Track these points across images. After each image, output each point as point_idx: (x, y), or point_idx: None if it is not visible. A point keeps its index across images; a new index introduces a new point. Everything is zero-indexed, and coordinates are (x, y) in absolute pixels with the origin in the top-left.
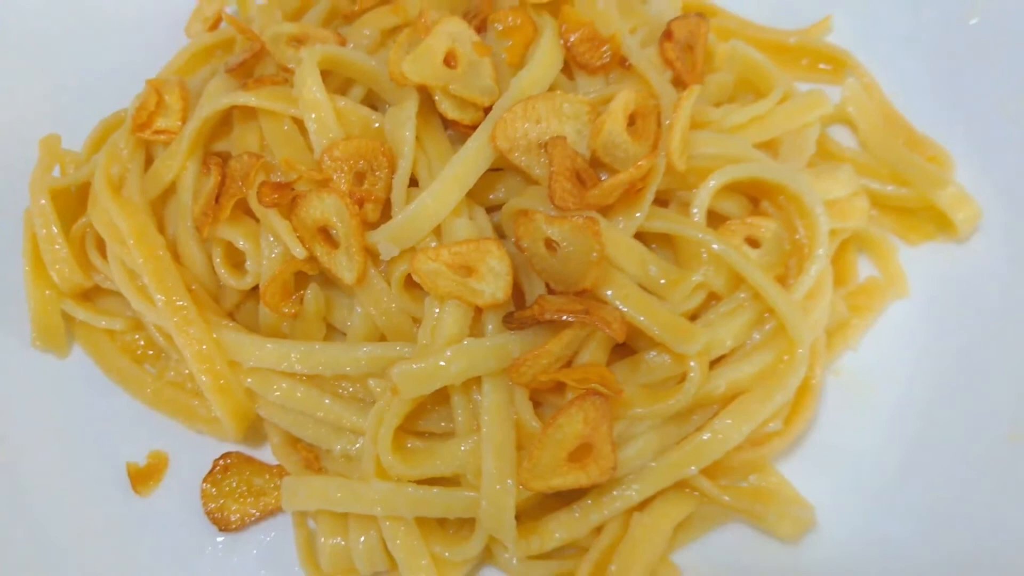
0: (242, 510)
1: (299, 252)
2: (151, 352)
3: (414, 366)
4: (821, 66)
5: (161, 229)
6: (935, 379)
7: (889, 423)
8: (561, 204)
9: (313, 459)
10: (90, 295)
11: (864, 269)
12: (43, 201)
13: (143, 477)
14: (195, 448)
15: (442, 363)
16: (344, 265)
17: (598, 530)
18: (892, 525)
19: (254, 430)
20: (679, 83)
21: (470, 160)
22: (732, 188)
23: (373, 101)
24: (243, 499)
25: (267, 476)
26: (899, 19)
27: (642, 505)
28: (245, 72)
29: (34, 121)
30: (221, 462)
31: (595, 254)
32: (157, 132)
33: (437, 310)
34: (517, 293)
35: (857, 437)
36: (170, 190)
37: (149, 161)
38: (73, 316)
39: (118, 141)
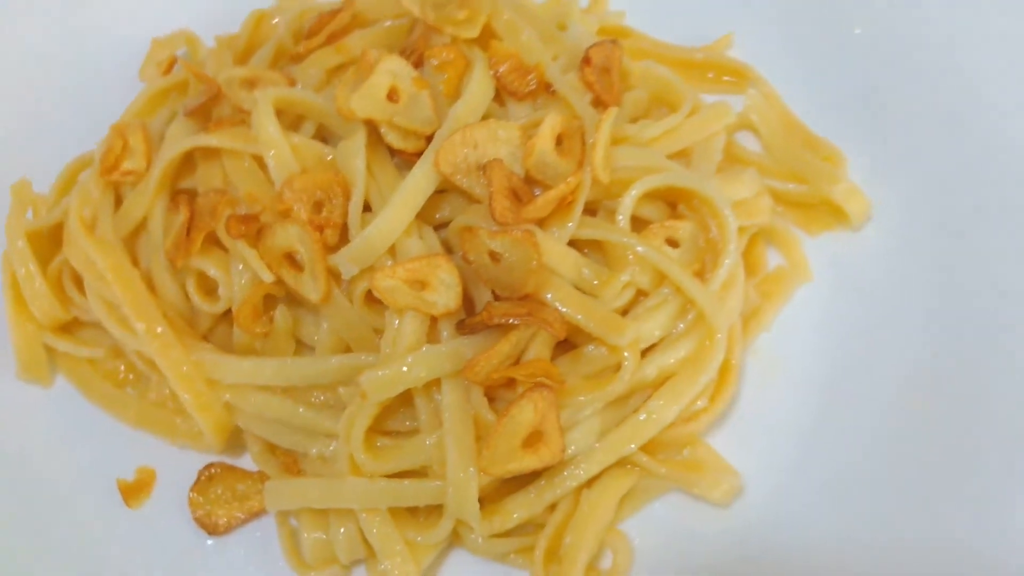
0: (228, 514)
1: (267, 277)
2: (131, 376)
3: (380, 373)
4: (725, 78)
5: (135, 263)
6: (839, 353)
7: (801, 395)
8: (501, 220)
9: (291, 463)
10: (70, 327)
11: (772, 259)
12: (20, 243)
13: (133, 491)
14: (179, 461)
15: (404, 368)
16: (310, 286)
17: (552, 507)
18: (806, 487)
19: (234, 440)
20: (599, 103)
21: (417, 185)
22: (651, 195)
23: (323, 135)
24: (228, 504)
25: (249, 482)
26: (792, 33)
27: (590, 482)
28: (203, 114)
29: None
30: (205, 472)
31: (534, 262)
32: (124, 173)
33: (397, 321)
34: (467, 301)
35: (774, 409)
36: (140, 227)
37: (118, 200)
38: (55, 348)
39: (87, 184)
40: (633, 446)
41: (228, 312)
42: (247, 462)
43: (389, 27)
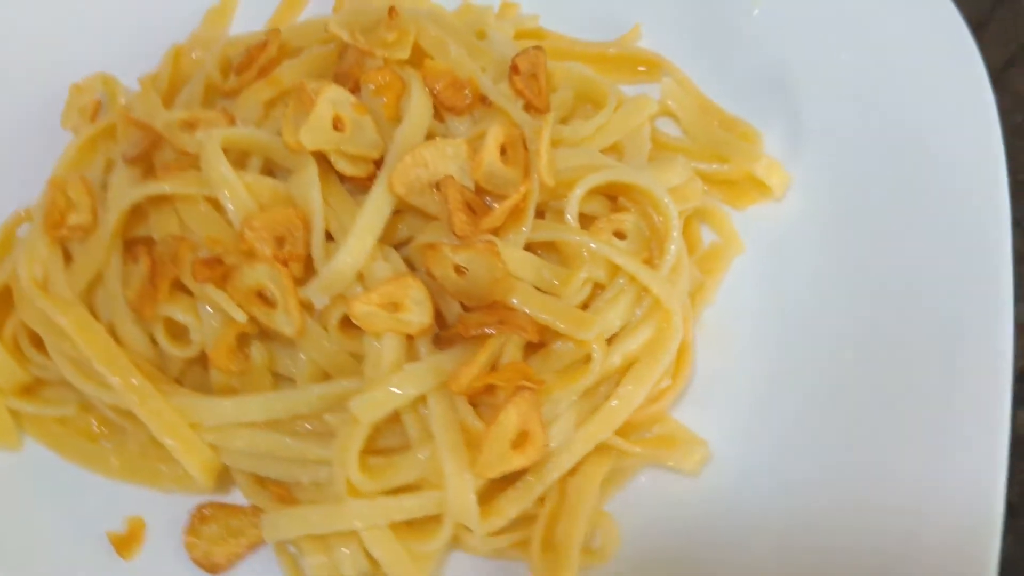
0: (227, 551)
1: (240, 317)
2: (105, 430)
3: (369, 396)
4: (639, 69)
5: (95, 317)
6: (779, 316)
7: (750, 361)
8: (461, 233)
9: (284, 493)
10: (32, 388)
11: (706, 236)
12: None
13: (126, 543)
14: (167, 506)
15: (392, 389)
16: (284, 321)
17: (541, 500)
18: (765, 445)
19: (220, 478)
20: (531, 108)
21: (376, 210)
22: (592, 192)
23: (270, 169)
24: (225, 541)
25: (242, 516)
26: (694, 21)
27: (572, 471)
28: (144, 160)
29: None
30: (198, 513)
31: (498, 272)
32: (72, 229)
33: (376, 344)
34: (437, 315)
35: (727, 377)
36: (95, 281)
37: (66, 255)
38: (21, 412)
39: (32, 242)
40: (609, 432)
41: (199, 355)
42: (236, 497)
43: (317, 54)
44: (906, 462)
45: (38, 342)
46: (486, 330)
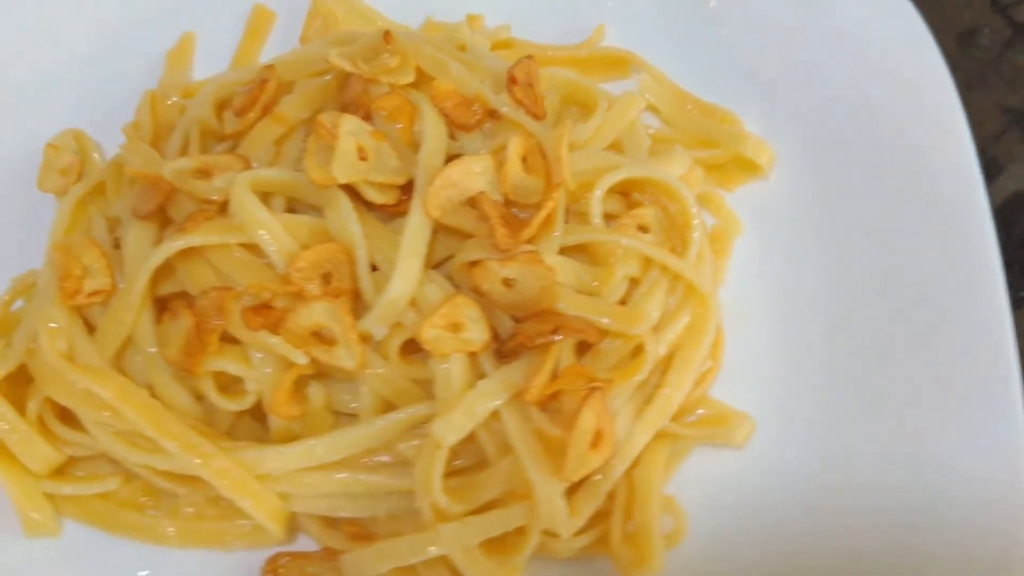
0: None
1: (302, 359)
2: (149, 499)
3: (450, 419)
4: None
5: None
6: (784, 287)
7: (766, 334)
8: (505, 247)
9: (359, 530)
10: (63, 468)
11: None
12: None
13: None
14: (232, 566)
15: (470, 408)
16: (345, 356)
17: (610, 495)
18: (795, 412)
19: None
20: (529, 116)
21: (416, 234)
22: (608, 191)
23: (291, 207)
24: None
25: (317, 561)
26: (653, 15)
27: (635, 462)
28: (159, 215)
29: None
30: (271, 566)
31: (547, 280)
32: (91, 295)
33: (444, 366)
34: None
35: (750, 352)
36: (124, 345)
37: (86, 323)
38: (57, 494)
39: (49, 315)
40: (666, 419)
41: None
42: (303, 544)
43: (315, 87)
44: (931, 432)
45: (65, 417)
46: (551, 337)
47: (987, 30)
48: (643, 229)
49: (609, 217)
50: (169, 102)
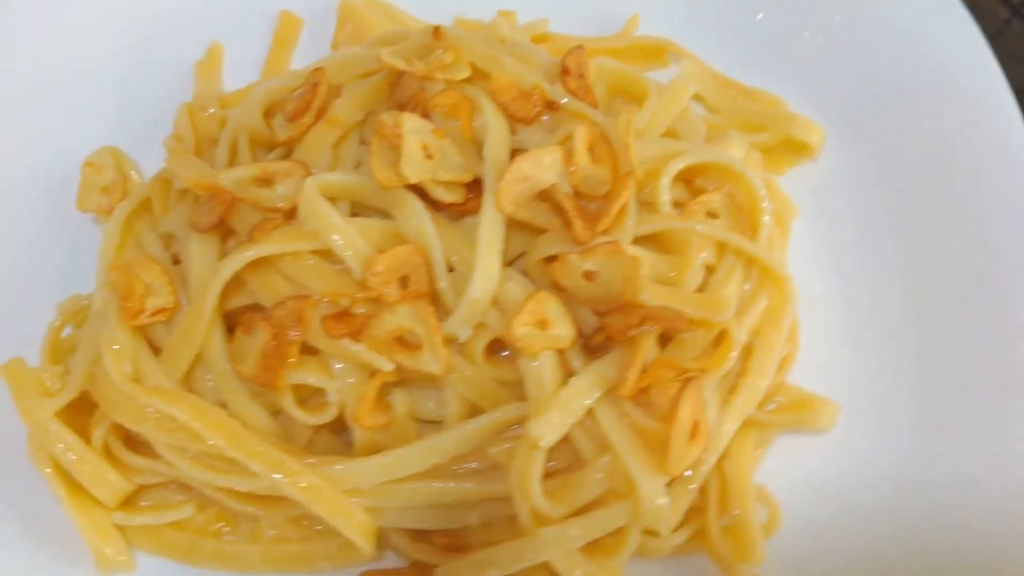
0: None
1: (388, 366)
2: (225, 527)
3: (547, 418)
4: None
5: None
6: (846, 269)
7: (832, 316)
8: (583, 239)
9: (451, 541)
10: (130, 499)
11: None
12: (53, 427)
13: None
14: None
15: (567, 406)
16: (430, 360)
17: (702, 489)
18: (864, 394)
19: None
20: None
21: (492, 231)
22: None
23: (354, 211)
24: None
25: None
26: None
27: (724, 453)
28: (221, 226)
29: None
30: None
31: (632, 270)
32: (155, 314)
33: (534, 364)
34: None
35: (815, 336)
36: (194, 363)
37: (149, 344)
38: (129, 525)
39: (112, 337)
40: (752, 407)
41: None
42: (387, 562)
43: (366, 88)
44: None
45: (131, 444)
46: (644, 328)
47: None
48: (711, 215)
49: (676, 205)
50: (206, 114)
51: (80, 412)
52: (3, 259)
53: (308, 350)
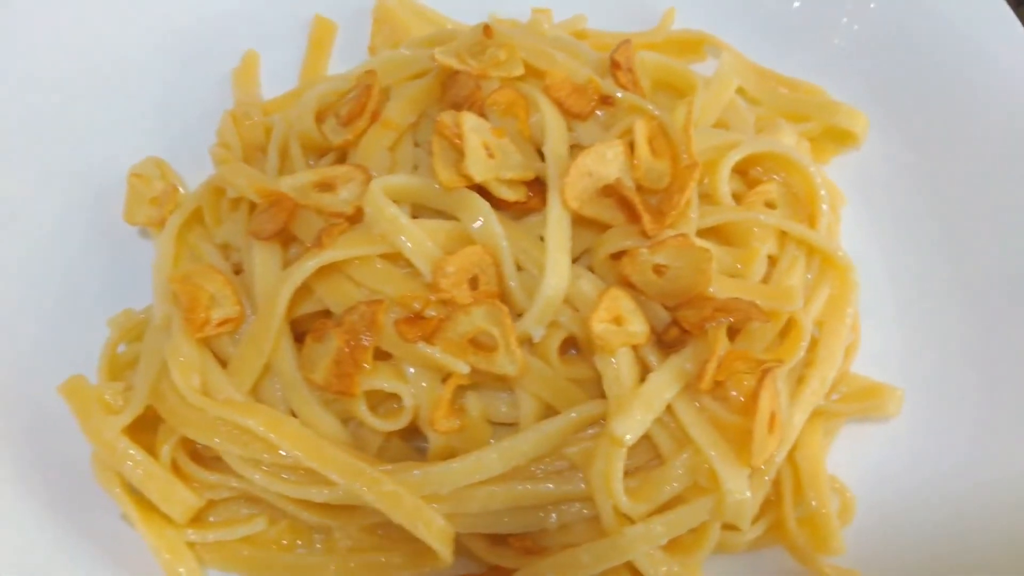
0: None
1: (463, 368)
2: (297, 541)
3: (630, 415)
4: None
5: None
6: (888, 254)
7: (879, 304)
8: (652, 233)
9: (529, 544)
10: (199, 515)
11: None
12: (121, 444)
13: None
14: None
15: (649, 402)
16: (506, 362)
17: (775, 482)
18: (919, 376)
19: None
20: None
21: (559, 228)
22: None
23: (415, 213)
24: None
25: None
26: None
27: (795, 444)
28: (283, 234)
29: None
30: None
31: (704, 262)
32: (221, 324)
33: (612, 361)
34: None
35: (869, 324)
36: (263, 374)
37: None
38: (201, 542)
39: (177, 350)
40: (821, 397)
41: None
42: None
43: (417, 89)
44: None
45: (198, 459)
46: (722, 320)
47: None
48: (770, 205)
49: (733, 196)
50: (249, 121)
51: (143, 429)
52: (49, 274)
53: (380, 355)
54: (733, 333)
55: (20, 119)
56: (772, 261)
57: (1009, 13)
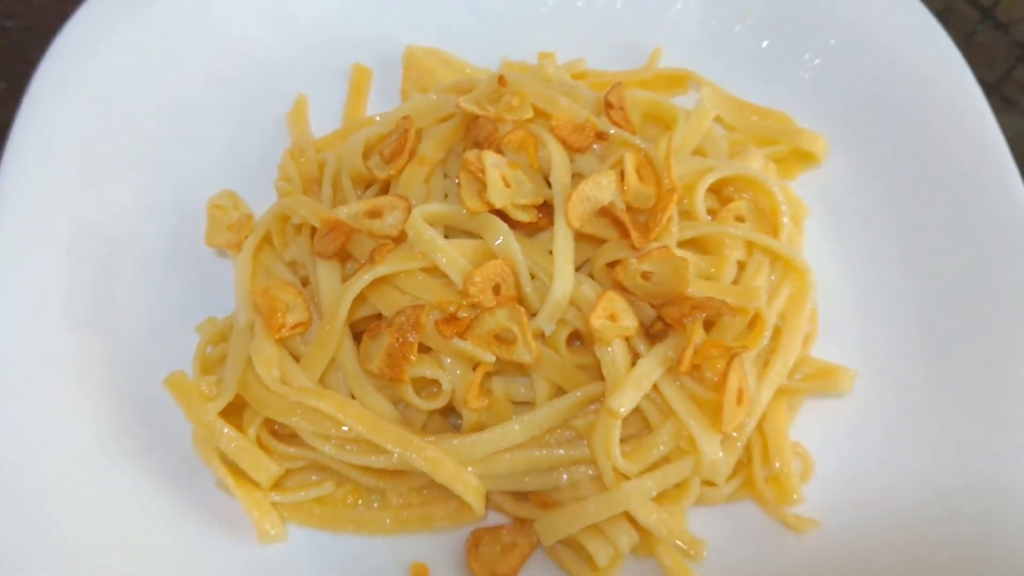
0: (507, 565)
1: (490, 358)
2: (359, 500)
3: (624, 393)
4: (672, 87)
5: None
6: (848, 256)
7: (844, 299)
8: (640, 246)
9: (545, 499)
10: (279, 481)
11: None
12: (219, 425)
13: None
14: (438, 546)
15: (639, 382)
16: (524, 352)
17: (747, 447)
18: (873, 359)
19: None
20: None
21: (565, 243)
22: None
23: (446, 234)
24: (505, 557)
25: (511, 531)
26: (698, 36)
27: (763, 417)
28: (341, 253)
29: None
30: (472, 540)
31: (683, 269)
32: (294, 327)
33: (609, 350)
34: None
35: (830, 316)
36: (329, 366)
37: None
38: (283, 503)
39: (261, 349)
40: (784, 377)
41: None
42: (490, 520)
43: (445, 130)
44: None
45: (278, 436)
46: (697, 315)
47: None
48: (740, 219)
49: (708, 212)
50: (304, 158)
51: (232, 412)
52: (148, 287)
53: (422, 349)
54: (708, 326)
55: (132, 160)
56: (741, 266)
57: (951, 46)
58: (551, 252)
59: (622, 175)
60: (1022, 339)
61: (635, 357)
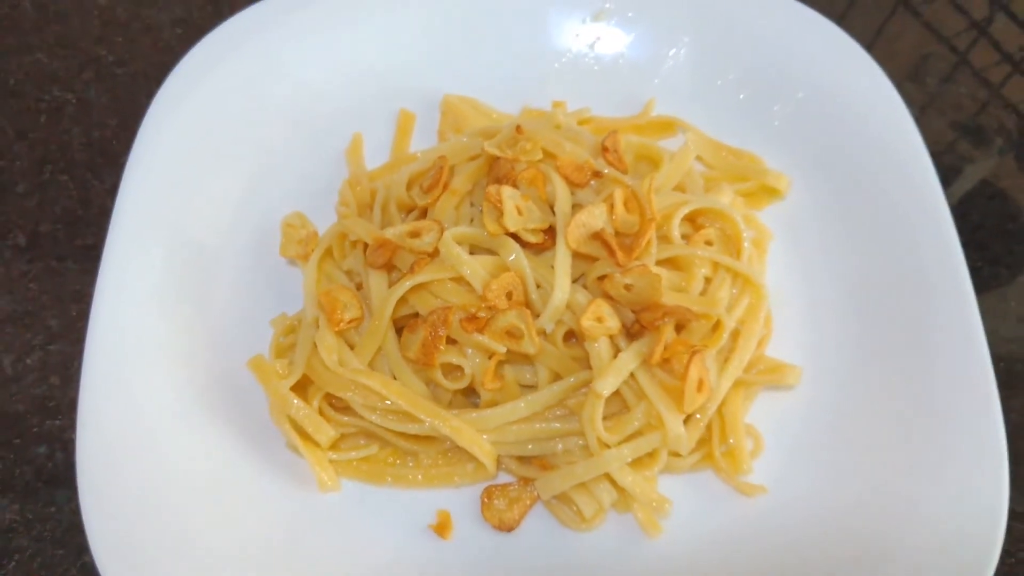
0: (513, 514)
1: (502, 349)
2: (396, 460)
3: (606, 379)
4: (663, 131)
5: None
6: (804, 274)
7: (797, 309)
8: (623, 263)
9: (544, 463)
10: (335, 443)
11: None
12: (290, 397)
13: (443, 528)
14: (459, 498)
15: (619, 370)
16: (529, 345)
17: (708, 427)
18: (821, 365)
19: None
20: (620, 172)
21: (564, 260)
22: (681, 219)
23: (471, 251)
24: (511, 508)
25: (517, 488)
26: (686, 89)
27: (722, 402)
28: (387, 265)
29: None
30: (486, 495)
31: (657, 283)
32: (349, 322)
33: (596, 346)
34: None
35: (786, 324)
36: (376, 353)
37: (345, 341)
38: (339, 461)
39: (323, 338)
40: (740, 371)
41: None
42: (501, 479)
43: (472, 168)
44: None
45: (335, 407)
46: (666, 320)
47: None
48: (708, 243)
49: (683, 237)
50: (359, 187)
51: (300, 388)
52: (237, 288)
53: (450, 341)
54: (679, 328)
55: (224, 187)
56: (708, 281)
57: (901, 106)
58: (553, 267)
59: (612, 206)
60: (943, 343)
61: (617, 351)
